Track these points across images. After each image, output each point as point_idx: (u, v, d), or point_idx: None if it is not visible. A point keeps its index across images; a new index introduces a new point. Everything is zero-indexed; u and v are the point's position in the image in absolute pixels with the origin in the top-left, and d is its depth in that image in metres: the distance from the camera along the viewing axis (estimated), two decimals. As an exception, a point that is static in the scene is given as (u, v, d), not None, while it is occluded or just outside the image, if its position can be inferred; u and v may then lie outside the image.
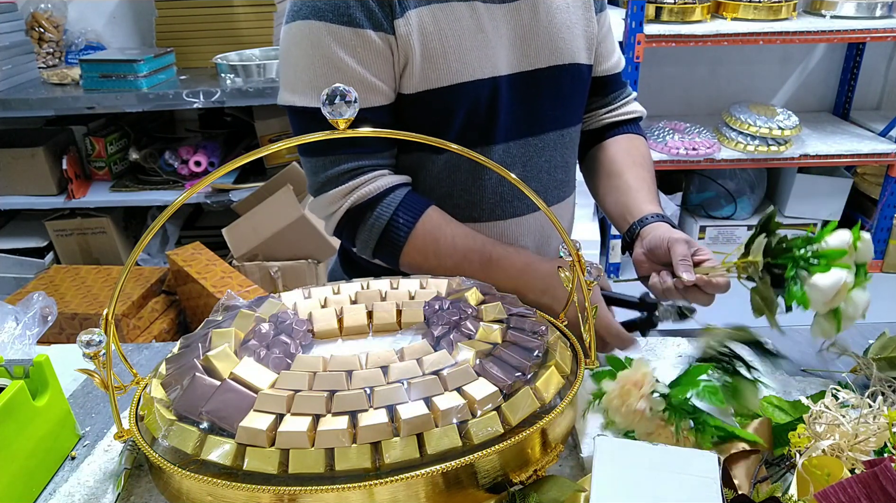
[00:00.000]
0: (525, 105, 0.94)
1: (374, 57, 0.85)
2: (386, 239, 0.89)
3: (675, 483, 0.55)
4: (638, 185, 1.01)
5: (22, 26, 2.40)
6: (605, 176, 1.05)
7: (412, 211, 0.89)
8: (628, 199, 0.99)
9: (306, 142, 0.58)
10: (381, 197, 0.88)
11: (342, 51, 0.83)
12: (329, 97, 0.55)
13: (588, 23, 0.99)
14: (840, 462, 0.55)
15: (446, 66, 0.86)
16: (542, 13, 0.92)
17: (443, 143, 0.61)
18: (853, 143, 2.57)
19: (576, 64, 0.96)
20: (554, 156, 0.99)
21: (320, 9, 0.83)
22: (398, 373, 0.61)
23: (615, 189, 1.02)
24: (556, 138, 0.99)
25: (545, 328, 0.70)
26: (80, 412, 0.81)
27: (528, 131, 0.96)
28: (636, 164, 1.04)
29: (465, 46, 0.87)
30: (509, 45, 0.91)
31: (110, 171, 2.48)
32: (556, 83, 0.95)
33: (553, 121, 0.98)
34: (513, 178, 0.64)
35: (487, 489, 0.58)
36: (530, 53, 0.92)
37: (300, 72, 0.87)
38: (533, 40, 0.92)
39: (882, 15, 2.43)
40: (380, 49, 0.84)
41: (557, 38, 0.94)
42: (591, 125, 1.10)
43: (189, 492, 0.58)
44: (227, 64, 2.23)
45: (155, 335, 1.91)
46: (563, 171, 1.02)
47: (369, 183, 0.88)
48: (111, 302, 0.57)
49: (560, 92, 0.96)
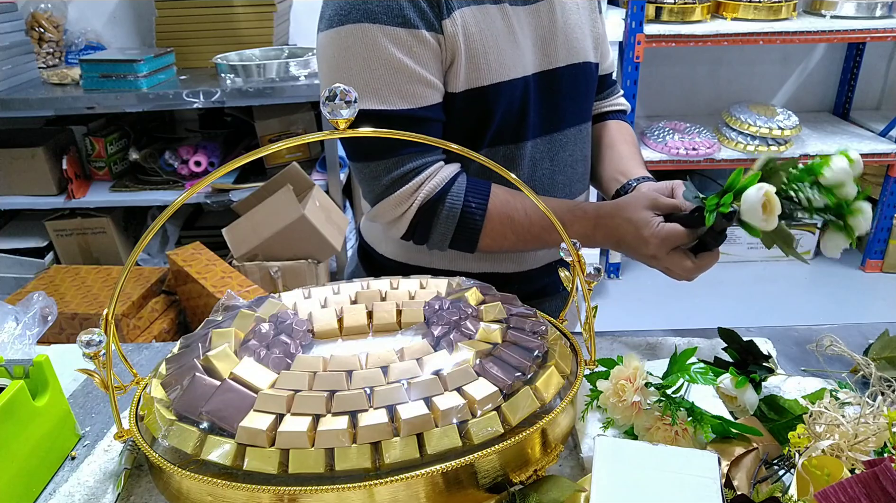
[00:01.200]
0: (548, 103, 0.97)
1: (429, 56, 0.86)
2: (463, 226, 0.90)
3: (675, 483, 0.55)
4: (631, 155, 1.07)
5: (22, 26, 2.40)
6: (598, 147, 1.11)
7: (480, 193, 0.90)
8: (623, 164, 1.05)
9: (308, 141, 0.58)
10: (448, 187, 0.89)
11: (400, 51, 0.84)
12: (328, 97, 0.55)
13: (594, 23, 1.04)
14: (840, 462, 0.55)
15: (487, 65, 0.89)
16: (558, 14, 0.96)
17: (443, 143, 0.61)
18: (853, 143, 2.58)
19: (588, 62, 1.01)
20: (575, 150, 1.03)
21: (373, 11, 0.83)
22: (398, 373, 0.61)
23: (609, 157, 1.08)
24: (575, 133, 1.03)
25: (545, 328, 0.70)
26: (80, 412, 0.81)
27: (553, 128, 0.99)
28: (627, 142, 1.10)
29: (501, 47, 0.90)
30: (532, 45, 0.94)
31: (110, 171, 2.48)
32: (574, 81, 0.99)
33: (573, 117, 1.01)
34: (513, 177, 0.64)
35: (487, 489, 0.58)
36: (550, 53, 0.96)
37: (356, 76, 0.85)
38: (552, 40, 0.96)
39: (882, 15, 2.43)
40: (434, 48, 0.86)
41: (572, 37, 0.98)
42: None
43: (189, 492, 0.58)
44: (227, 64, 2.23)
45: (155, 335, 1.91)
46: (583, 164, 1.06)
47: (434, 176, 0.89)
48: (111, 302, 0.57)
49: (577, 89, 1.00)
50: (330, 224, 2.16)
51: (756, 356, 0.78)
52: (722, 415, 0.68)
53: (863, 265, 2.74)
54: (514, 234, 0.91)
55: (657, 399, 0.67)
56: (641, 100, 2.78)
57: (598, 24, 1.05)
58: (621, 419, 0.67)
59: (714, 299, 2.59)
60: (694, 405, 0.67)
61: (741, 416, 0.72)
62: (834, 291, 2.61)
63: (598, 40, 1.05)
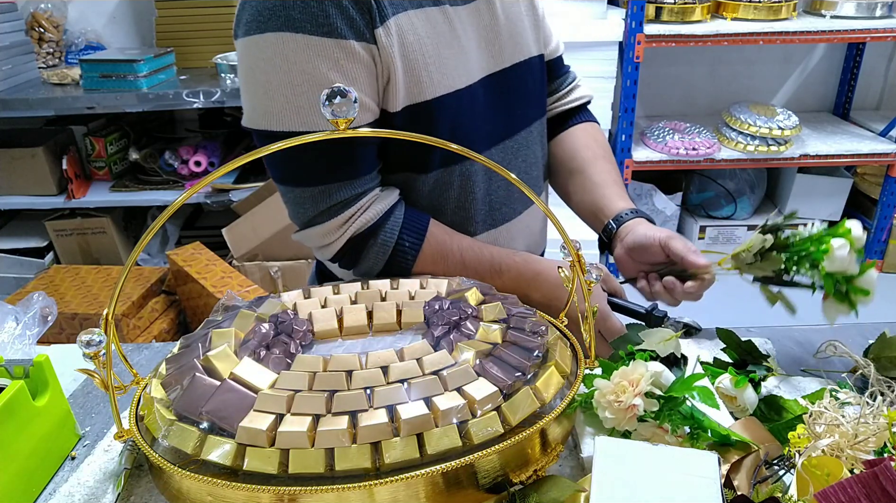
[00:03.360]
0: (498, 109, 0.90)
1: (359, 69, 0.76)
2: (393, 261, 0.85)
3: (675, 483, 0.55)
4: (603, 179, 0.98)
5: (22, 26, 2.40)
6: (568, 174, 1.02)
7: (416, 231, 0.85)
8: (596, 196, 0.97)
9: (307, 141, 0.58)
10: (382, 221, 0.83)
11: (325, 65, 0.74)
12: (329, 96, 0.55)
13: (532, 10, 0.96)
14: (840, 462, 0.55)
15: (428, 77, 0.80)
16: (498, 9, 0.89)
17: (443, 143, 0.61)
18: (853, 143, 2.58)
19: (533, 57, 0.95)
20: (528, 154, 0.96)
21: (295, 19, 0.73)
22: (398, 373, 0.61)
23: (580, 188, 1.00)
24: (526, 136, 0.96)
25: (545, 328, 0.70)
26: (80, 412, 0.81)
27: (504, 134, 0.93)
28: (597, 158, 1.01)
29: (443, 55, 0.81)
30: (476, 47, 0.87)
31: (110, 171, 2.48)
32: (522, 80, 0.93)
33: (522, 119, 0.95)
34: (513, 178, 0.64)
35: (487, 489, 0.58)
36: (496, 53, 0.89)
37: (275, 92, 0.75)
38: (496, 40, 0.89)
39: (882, 15, 2.43)
40: (364, 61, 0.76)
41: (515, 33, 0.91)
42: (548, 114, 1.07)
43: (189, 492, 0.58)
44: (227, 64, 2.23)
45: (155, 335, 1.91)
46: (536, 167, 1.00)
47: (367, 209, 0.82)
48: (111, 302, 0.57)
49: (526, 88, 0.94)
50: (330, 224, 2.16)
51: (755, 356, 0.78)
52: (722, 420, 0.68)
53: (863, 265, 2.73)
54: (445, 274, 0.85)
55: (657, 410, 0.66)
56: (641, 100, 2.78)
57: (537, 11, 0.97)
58: (611, 420, 0.66)
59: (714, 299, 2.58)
60: (695, 409, 0.66)
61: (741, 416, 0.72)
62: (834, 291, 2.60)
63: (539, 29, 0.97)
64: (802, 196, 2.77)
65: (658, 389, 0.68)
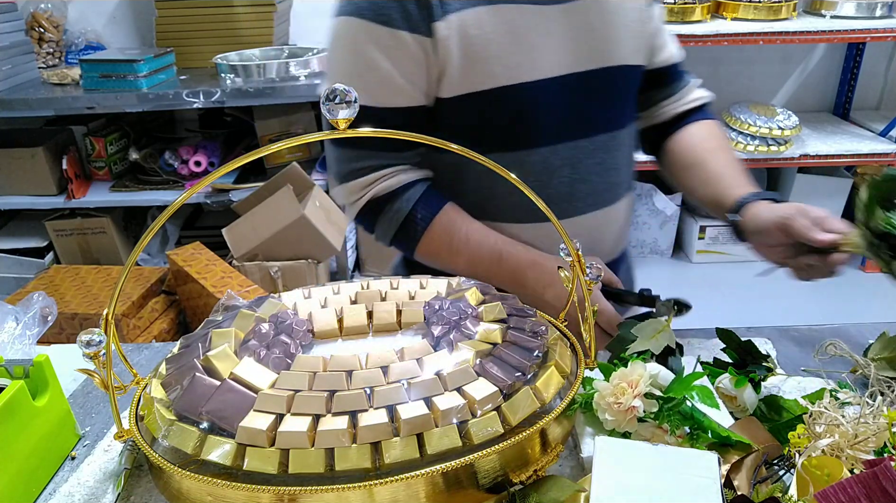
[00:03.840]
0: (575, 107, 0.93)
1: (406, 59, 0.85)
2: (403, 231, 0.93)
3: (675, 483, 0.55)
4: (721, 170, 0.99)
5: (22, 26, 2.40)
6: (686, 168, 1.03)
7: (430, 207, 0.92)
8: (717, 188, 0.97)
9: (308, 141, 0.58)
10: (401, 192, 0.91)
11: (376, 50, 0.85)
12: (328, 96, 0.55)
13: (644, 22, 0.97)
14: (840, 462, 0.55)
15: (489, 69, 0.86)
16: (595, 15, 0.91)
17: (443, 143, 0.61)
18: (853, 143, 2.58)
19: (627, 65, 0.96)
20: (606, 158, 0.98)
21: (361, 7, 0.85)
22: (398, 373, 0.61)
23: (700, 181, 1.01)
24: (606, 140, 0.97)
25: (545, 328, 0.70)
26: (80, 412, 0.81)
27: (579, 133, 0.95)
28: (714, 150, 1.02)
29: (510, 50, 0.86)
30: (560, 46, 0.90)
31: (110, 171, 2.48)
32: (608, 85, 0.94)
33: (605, 122, 0.97)
34: (513, 177, 0.64)
35: (487, 489, 0.58)
36: (582, 55, 0.91)
37: (338, 66, 0.89)
38: (586, 42, 0.91)
39: (882, 15, 2.43)
40: (413, 52, 0.85)
41: (610, 39, 0.93)
42: (658, 118, 1.08)
43: (189, 492, 0.58)
44: (227, 64, 2.23)
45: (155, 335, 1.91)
46: (615, 173, 1.00)
47: (389, 177, 0.91)
48: (111, 302, 0.57)
49: (612, 94, 0.96)
50: (330, 224, 2.16)
51: (755, 356, 0.78)
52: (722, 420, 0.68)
53: (863, 265, 2.74)
54: (449, 252, 0.93)
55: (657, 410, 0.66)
56: (641, 100, 2.77)
57: (650, 23, 0.98)
58: (612, 421, 0.66)
59: (714, 299, 2.59)
60: (695, 410, 0.66)
61: (741, 416, 0.72)
62: (834, 291, 2.61)
63: (648, 40, 0.99)
64: (802, 196, 2.76)
65: (657, 390, 0.68)
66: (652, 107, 1.08)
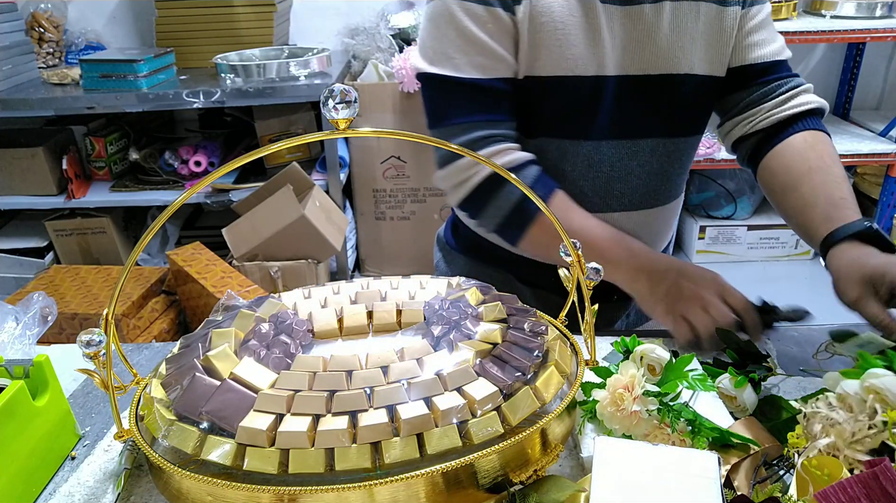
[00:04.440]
0: (627, 108, 0.93)
1: (502, 32, 0.89)
2: (516, 214, 0.90)
3: (675, 483, 0.55)
4: (813, 198, 0.88)
5: (22, 26, 2.40)
6: (783, 192, 0.93)
7: (545, 188, 0.91)
8: (805, 219, 0.88)
9: (308, 141, 0.58)
10: (517, 170, 0.90)
11: (474, 25, 0.89)
12: (328, 97, 0.55)
13: (721, 32, 0.94)
14: (839, 462, 0.55)
15: (549, 56, 0.89)
16: (663, 21, 0.91)
17: (443, 143, 0.61)
18: (853, 143, 2.58)
19: (692, 75, 0.94)
20: (650, 163, 0.98)
21: None
22: (398, 373, 0.61)
23: (793, 208, 0.91)
24: (654, 146, 0.97)
25: (545, 328, 0.70)
26: (80, 412, 0.81)
27: (624, 134, 0.95)
28: (813, 170, 0.91)
29: (572, 41, 0.89)
30: (622, 47, 0.91)
31: (110, 171, 2.48)
32: (667, 92, 0.94)
33: (654, 128, 0.96)
34: (513, 178, 0.64)
35: (487, 489, 0.58)
36: (643, 59, 0.92)
37: (435, 43, 0.92)
38: (648, 47, 0.91)
39: (882, 15, 2.43)
40: (506, 25, 0.89)
41: (676, 46, 0.92)
42: (755, 125, 0.99)
43: (189, 492, 0.58)
44: (227, 64, 2.23)
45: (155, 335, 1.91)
46: (658, 179, 0.99)
47: (506, 154, 0.91)
48: (111, 302, 0.57)
49: (670, 101, 0.95)
50: (330, 224, 2.16)
51: (755, 356, 0.78)
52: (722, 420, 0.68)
53: (863, 265, 2.73)
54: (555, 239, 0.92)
55: (656, 408, 0.66)
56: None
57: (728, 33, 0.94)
58: (620, 429, 0.66)
59: (714, 299, 2.58)
60: (696, 413, 0.66)
61: (741, 416, 0.72)
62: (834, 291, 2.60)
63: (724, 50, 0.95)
64: (802, 196, 2.76)
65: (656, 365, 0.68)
66: (745, 111, 1.00)
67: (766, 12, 0.99)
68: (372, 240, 2.65)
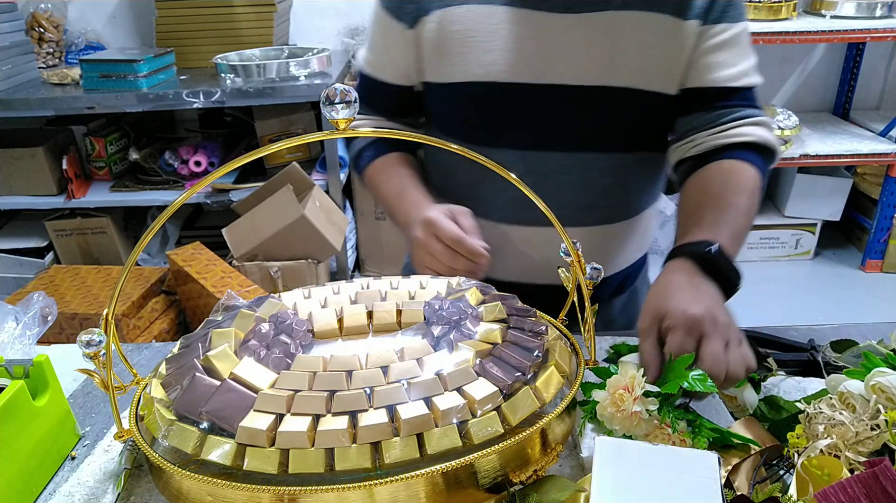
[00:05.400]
0: (557, 119, 0.90)
1: (397, 40, 0.96)
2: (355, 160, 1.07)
3: (675, 483, 0.55)
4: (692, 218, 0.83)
5: (22, 26, 2.40)
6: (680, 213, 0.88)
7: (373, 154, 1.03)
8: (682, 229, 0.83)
9: (308, 141, 0.58)
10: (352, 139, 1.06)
11: (378, 29, 0.99)
12: (329, 97, 0.55)
13: (675, 47, 0.87)
14: (839, 462, 0.55)
15: (457, 63, 0.91)
16: (603, 30, 0.86)
17: (443, 143, 0.61)
18: (853, 143, 2.58)
19: (633, 89, 0.88)
20: (587, 176, 0.92)
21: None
22: (398, 373, 0.61)
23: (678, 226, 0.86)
24: (593, 160, 0.92)
25: (545, 328, 0.70)
26: (80, 412, 0.81)
27: (552, 145, 0.91)
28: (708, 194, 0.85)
29: (487, 48, 0.89)
30: (554, 55, 0.87)
31: (110, 171, 2.48)
32: (604, 105, 0.89)
33: (594, 141, 0.91)
34: (513, 178, 0.64)
35: (487, 489, 0.58)
36: (576, 68, 0.87)
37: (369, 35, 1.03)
38: (583, 56, 0.87)
39: (882, 15, 2.43)
40: (398, 36, 0.95)
41: (614, 58, 0.86)
42: (692, 150, 0.92)
43: (189, 492, 0.58)
44: (227, 64, 2.22)
45: (155, 335, 1.91)
46: (600, 195, 0.94)
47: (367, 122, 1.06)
48: (111, 302, 0.57)
49: (609, 114, 0.89)
50: (330, 224, 2.16)
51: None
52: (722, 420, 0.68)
53: (863, 265, 2.74)
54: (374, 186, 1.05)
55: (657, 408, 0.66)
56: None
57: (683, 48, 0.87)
58: (621, 429, 0.66)
59: (714, 299, 2.59)
60: (696, 413, 0.66)
61: (741, 416, 0.72)
62: (834, 291, 2.61)
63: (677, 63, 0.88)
64: (802, 196, 2.77)
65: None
66: (687, 136, 0.93)
67: (734, 31, 0.88)
68: (372, 240, 2.65)
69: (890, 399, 0.60)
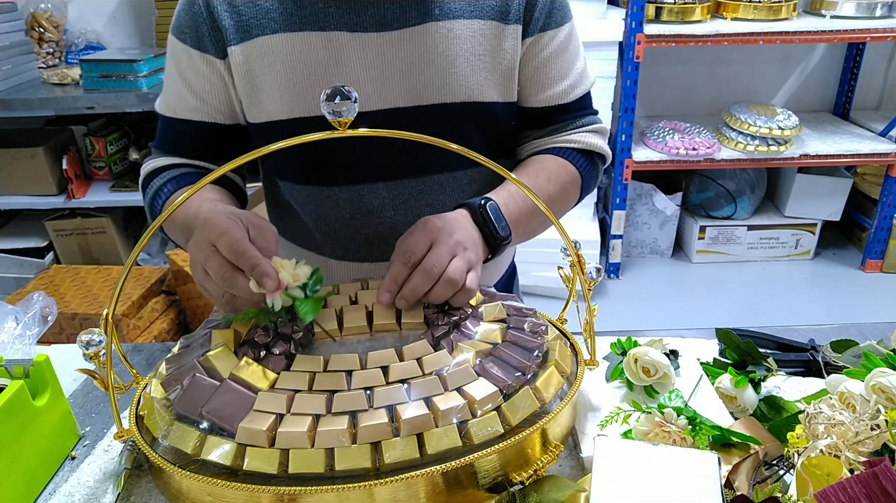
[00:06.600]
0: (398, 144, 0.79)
1: (198, 75, 0.86)
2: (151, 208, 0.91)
3: (675, 483, 0.55)
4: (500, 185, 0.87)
5: (22, 26, 2.40)
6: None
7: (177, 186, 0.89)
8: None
9: (305, 141, 0.58)
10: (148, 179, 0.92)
11: (174, 65, 0.88)
12: (328, 97, 0.55)
13: (501, 53, 0.85)
14: (839, 462, 0.55)
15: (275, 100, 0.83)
16: (431, 46, 0.81)
17: (444, 143, 0.61)
18: (853, 143, 2.58)
19: (472, 102, 0.85)
20: (442, 198, 0.89)
21: (175, 25, 0.87)
22: (398, 373, 0.61)
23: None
24: (444, 180, 0.88)
25: (545, 328, 0.70)
26: (80, 412, 0.81)
27: (404, 172, 0.87)
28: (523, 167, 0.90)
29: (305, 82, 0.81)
30: (382, 79, 0.82)
31: (110, 171, 2.48)
32: (447, 122, 0.85)
33: (442, 162, 0.87)
34: (513, 177, 0.64)
35: (487, 489, 0.58)
36: (410, 89, 0.82)
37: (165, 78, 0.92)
38: (415, 75, 0.82)
39: (882, 15, 2.43)
40: (203, 71, 0.86)
41: (449, 73, 0.82)
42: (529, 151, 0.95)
43: (189, 492, 0.58)
44: (227, 64, 2.22)
45: (155, 335, 1.91)
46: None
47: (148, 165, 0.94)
48: (111, 302, 0.57)
49: (451, 132, 0.84)
50: (330, 224, 2.16)
51: (755, 356, 0.78)
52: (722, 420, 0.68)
53: (863, 265, 2.73)
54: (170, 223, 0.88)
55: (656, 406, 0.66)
56: (641, 100, 2.78)
57: (512, 55, 0.85)
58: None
59: (714, 299, 2.59)
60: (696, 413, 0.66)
61: (741, 416, 0.72)
62: (834, 291, 2.61)
63: (510, 73, 0.86)
64: (802, 196, 2.77)
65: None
66: (526, 139, 0.96)
67: (561, 37, 0.89)
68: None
69: (890, 399, 0.61)
